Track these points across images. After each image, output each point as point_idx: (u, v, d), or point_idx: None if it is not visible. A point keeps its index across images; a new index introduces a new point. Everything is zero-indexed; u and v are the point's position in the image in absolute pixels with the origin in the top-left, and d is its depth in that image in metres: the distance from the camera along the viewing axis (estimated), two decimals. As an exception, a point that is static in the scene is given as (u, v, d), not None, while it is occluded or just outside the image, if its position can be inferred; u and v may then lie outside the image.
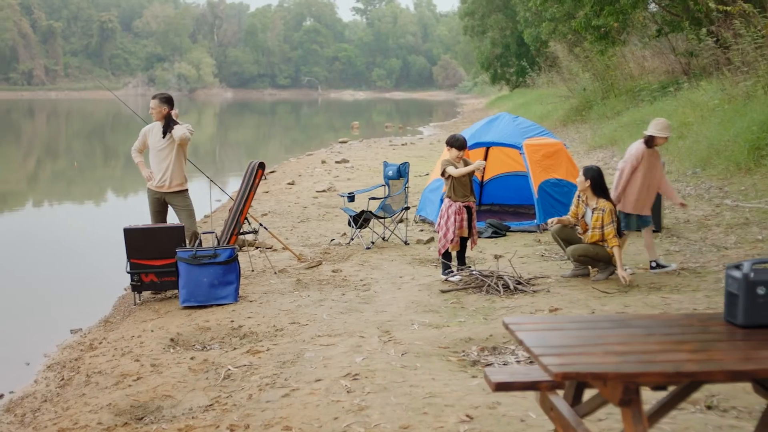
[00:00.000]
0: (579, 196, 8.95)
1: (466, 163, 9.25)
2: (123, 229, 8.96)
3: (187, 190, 9.84)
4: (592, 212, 8.76)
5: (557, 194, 11.79)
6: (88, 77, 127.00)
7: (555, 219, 9.34)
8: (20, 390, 6.87)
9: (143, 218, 10.11)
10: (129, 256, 8.92)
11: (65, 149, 38.22)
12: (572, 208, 9.04)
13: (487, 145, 13.01)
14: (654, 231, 11.05)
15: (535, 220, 11.86)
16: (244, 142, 43.56)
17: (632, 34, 28.82)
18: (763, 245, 9.85)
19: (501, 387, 4.13)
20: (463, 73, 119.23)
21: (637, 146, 9.16)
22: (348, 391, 5.68)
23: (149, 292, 9.33)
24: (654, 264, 9.18)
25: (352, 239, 11.56)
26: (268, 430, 5.17)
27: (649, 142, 9.09)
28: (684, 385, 3.72)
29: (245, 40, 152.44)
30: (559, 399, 4.04)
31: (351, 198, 11.94)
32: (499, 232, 11.73)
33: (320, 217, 14.12)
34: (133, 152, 9.92)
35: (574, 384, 3.95)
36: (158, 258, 8.91)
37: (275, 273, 9.87)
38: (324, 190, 17.36)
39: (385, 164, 12.12)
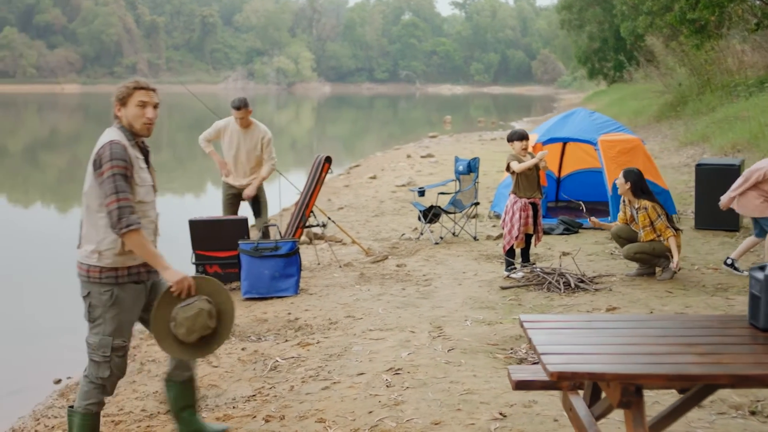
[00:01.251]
0: (623, 200, 8.79)
1: (533, 157, 9.16)
2: (188, 220, 9.13)
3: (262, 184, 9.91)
4: (638, 213, 8.58)
5: (632, 191, 11.53)
6: (189, 71, 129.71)
7: (596, 221, 9.21)
8: (77, 376, 7.06)
9: (217, 210, 10.22)
10: (194, 248, 9.09)
11: (163, 142, 39.11)
12: (620, 214, 8.90)
13: (563, 141, 12.85)
14: (732, 230, 10.80)
15: (609, 218, 11.63)
16: (341, 136, 43.91)
17: (733, 28, 28.03)
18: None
19: (521, 386, 4.10)
20: (562, 68, 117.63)
21: None
22: (387, 386, 5.69)
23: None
24: (730, 261, 8.90)
25: (422, 234, 11.54)
26: (302, 421, 5.21)
27: None
28: (698, 389, 3.61)
29: (343, 34, 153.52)
30: (578, 399, 3.98)
31: (421, 193, 11.93)
32: (570, 229, 11.57)
33: (395, 212, 14.12)
34: (201, 141, 9.76)
35: (591, 385, 3.88)
36: (222, 249, 9.05)
37: (340, 266, 9.92)
38: (403, 185, 17.32)
39: (456, 159, 12.07)
